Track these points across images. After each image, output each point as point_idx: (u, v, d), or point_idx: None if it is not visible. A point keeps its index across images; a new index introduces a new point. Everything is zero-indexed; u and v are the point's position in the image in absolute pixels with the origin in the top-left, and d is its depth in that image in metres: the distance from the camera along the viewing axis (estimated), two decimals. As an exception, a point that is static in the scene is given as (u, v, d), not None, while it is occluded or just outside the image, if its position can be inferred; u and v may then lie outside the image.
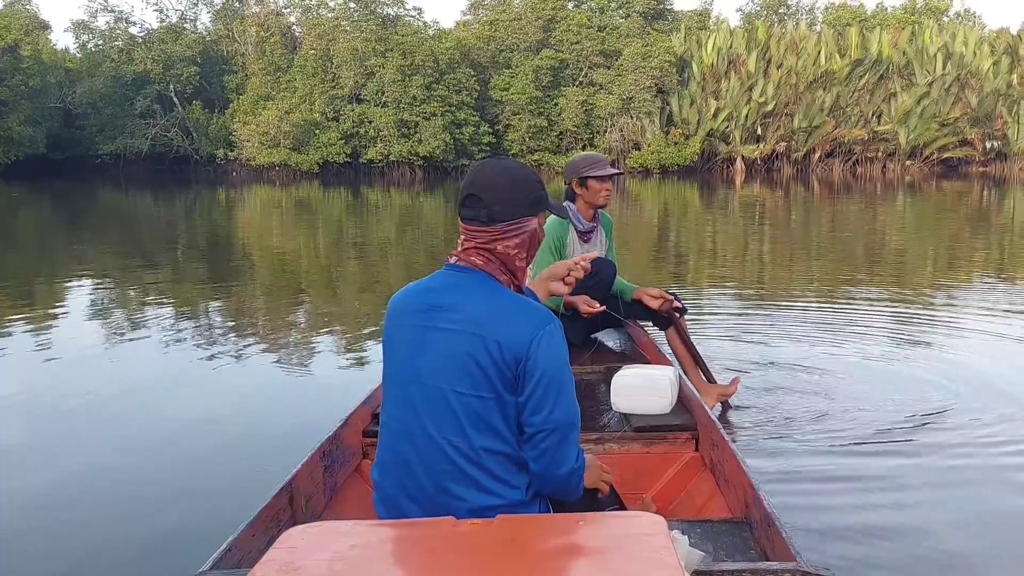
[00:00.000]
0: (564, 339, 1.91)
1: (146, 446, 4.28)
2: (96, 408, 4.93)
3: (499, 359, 1.83)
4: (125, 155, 40.37)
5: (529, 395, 1.85)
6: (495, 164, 1.99)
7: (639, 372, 3.42)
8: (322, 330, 7.05)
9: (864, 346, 6.06)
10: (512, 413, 1.88)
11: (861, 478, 3.62)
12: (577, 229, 4.48)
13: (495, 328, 1.84)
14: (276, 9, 45.05)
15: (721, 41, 44.06)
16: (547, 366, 1.84)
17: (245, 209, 23.29)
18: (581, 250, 4.54)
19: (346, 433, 3.02)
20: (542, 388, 1.84)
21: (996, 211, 20.38)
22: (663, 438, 3.14)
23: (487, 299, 1.90)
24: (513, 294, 1.94)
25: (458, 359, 1.86)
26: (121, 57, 41.32)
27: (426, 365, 1.90)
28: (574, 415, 1.91)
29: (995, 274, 10.09)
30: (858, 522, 3.20)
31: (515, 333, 1.84)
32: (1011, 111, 41.45)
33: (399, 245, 14.22)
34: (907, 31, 44.98)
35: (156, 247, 14.08)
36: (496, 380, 1.85)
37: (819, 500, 3.41)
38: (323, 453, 2.79)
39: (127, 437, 4.43)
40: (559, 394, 1.86)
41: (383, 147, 39.91)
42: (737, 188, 31.13)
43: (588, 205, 4.49)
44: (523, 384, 1.85)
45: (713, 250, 13.28)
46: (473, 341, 1.85)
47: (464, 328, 1.86)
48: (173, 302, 8.50)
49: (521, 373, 1.84)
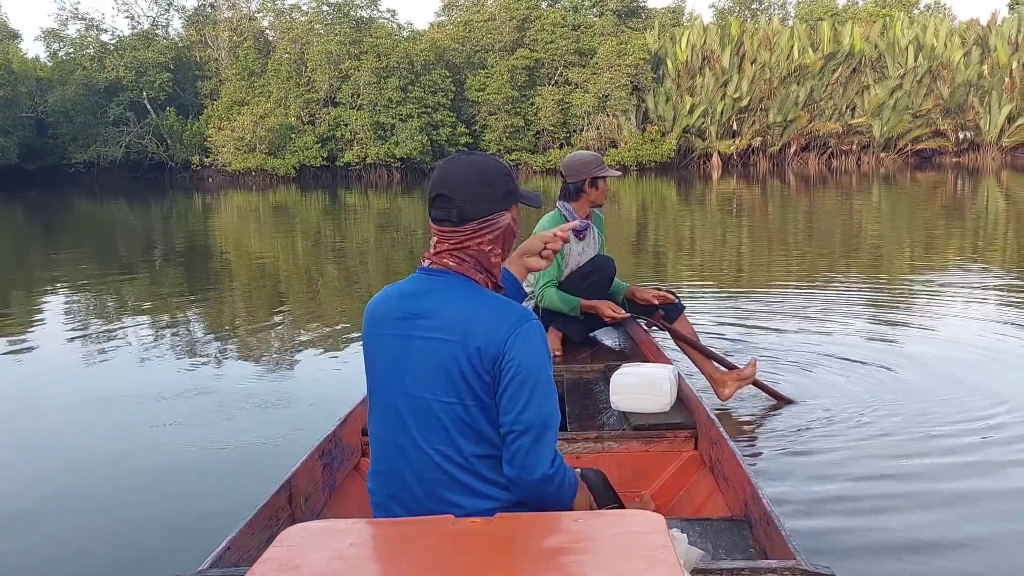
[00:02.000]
0: (544, 338, 1.86)
1: (142, 448, 4.29)
2: (86, 412, 4.91)
3: (479, 365, 1.80)
4: (99, 163, 40.00)
5: (502, 393, 1.81)
6: (462, 160, 1.93)
7: (638, 371, 3.41)
8: (306, 332, 7.01)
9: (860, 343, 5.99)
10: (499, 416, 1.85)
11: (860, 476, 3.59)
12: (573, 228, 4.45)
13: (474, 334, 1.80)
14: (248, 14, 44.86)
15: (695, 38, 44.24)
16: (521, 364, 1.79)
17: (222, 215, 23.14)
18: (577, 248, 4.53)
19: (345, 431, 3.02)
20: (515, 386, 1.79)
21: (971, 201, 20.56)
22: (662, 436, 3.13)
23: (463, 303, 1.85)
24: (490, 294, 1.90)
25: (440, 368, 1.82)
26: (93, 65, 40.94)
27: (410, 375, 1.86)
28: (549, 417, 1.83)
29: (973, 262, 10.17)
30: (857, 520, 3.18)
31: (491, 335, 1.79)
32: (982, 102, 41.84)
33: (378, 247, 14.18)
34: (878, 24, 45.34)
35: (132, 255, 13.95)
36: (477, 387, 1.81)
37: (818, 498, 3.39)
38: (322, 451, 2.79)
39: (120, 440, 4.42)
40: (532, 393, 1.80)
41: (360, 150, 39.84)
42: (714, 183, 31.26)
43: (591, 204, 4.48)
44: (498, 383, 1.81)
45: (692, 244, 13.33)
46: (453, 349, 1.81)
47: (443, 336, 1.82)
48: (154, 309, 8.42)
49: (498, 372, 1.80)
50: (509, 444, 1.82)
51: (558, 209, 4.49)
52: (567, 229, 2.26)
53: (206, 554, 2.04)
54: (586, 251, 4.58)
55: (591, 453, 3.06)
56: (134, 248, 15.20)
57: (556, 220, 4.40)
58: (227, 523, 2.26)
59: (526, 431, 1.80)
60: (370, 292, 9.18)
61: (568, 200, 4.48)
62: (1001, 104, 41.09)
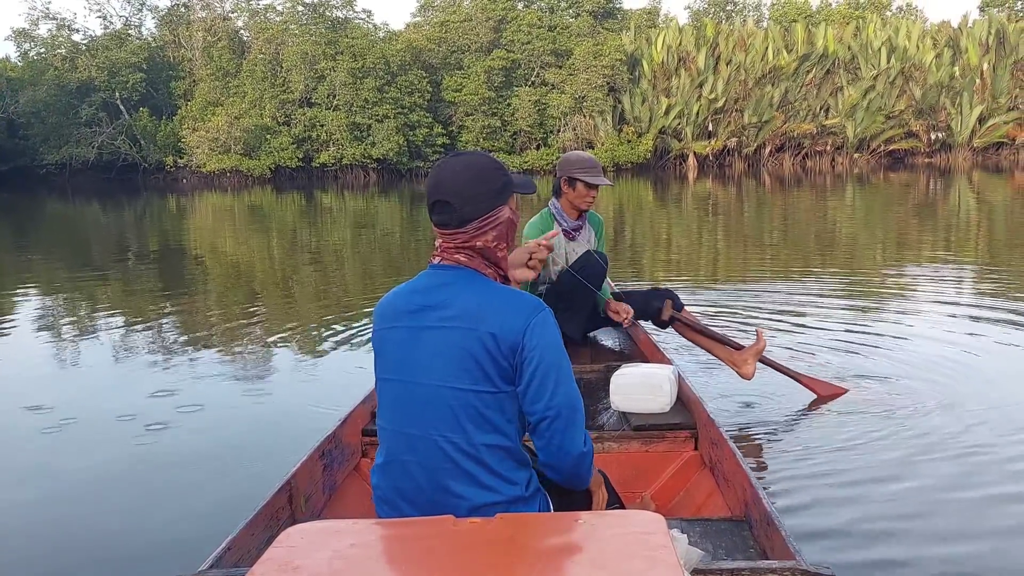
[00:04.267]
0: (557, 326, 1.91)
1: (140, 449, 4.26)
2: (83, 413, 4.87)
3: (495, 351, 1.83)
4: (71, 165, 39.67)
5: (528, 383, 1.85)
6: (455, 163, 1.96)
7: (638, 371, 3.42)
8: (287, 332, 6.95)
9: (854, 339, 5.96)
10: (510, 405, 1.88)
11: (860, 476, 3.57)
12: (562, 227, 4.45)
13: (488, 321, 1.84)
14: (223, 14, 44.61)
15: (671, 39, 44.52)
16: (544, 352, 1.84)
17: (197, 216, 22.95)
18: (567, 248, 4.51)
19: (345, 432, 3.02)
20: (541, 374, 1.84)
21: (942, 201, 20.79)
22: (662, 437, 3.14)
23: (476, 293, 1.89)
24: (501, 286, 1.94)
25: (453, 356, 1.85)
26: (64, 65, 40.62)
27: (421, 364, 1.88)
28: (576, 399, 1.90)
29: (948, 260, 10.27)
30: (857, 520, 3.16)
31: (508, 323, 1.83)
32: (954, 103, 42.39)
33: (355, 248, 14.12)
34: (851, 26, 45.83)
35: (106, 257, 13.81)
36: (493, 373, 1.84)
37: (818, 498, 3.37)
38: (322, 452, 2.79)
39: (117, 441, 4.39)
40: (558, 379, 1.86)
41: (336, 151, 39.71)
42: (690, 184, 31.42)
43: (571, 205, 4.47)
44: (521, 373, 1.85)
45: (668, 243, 13.39)
46: (467, 336, 1.84)
47: (457, 324, 1.85)
48: (130, 312, 8.32)
49: (519, 363, 1.84)
50: (543, 432, 1.88)
51: (548, 207, 4.52)
52: (551, 237, 2.32)
53: (206, 554, 2.04)
54: (579, 252, 4.56)
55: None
56: (109, 249, 15.04)
57: (544, 217, 4.43)
58: (227, 523, 2.26)
59: (559, 416, 1.87)
60: (348, 293, 9.15)
61: (556, 196, 4.51)
62: (972, 105, 41.65)
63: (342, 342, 6.41)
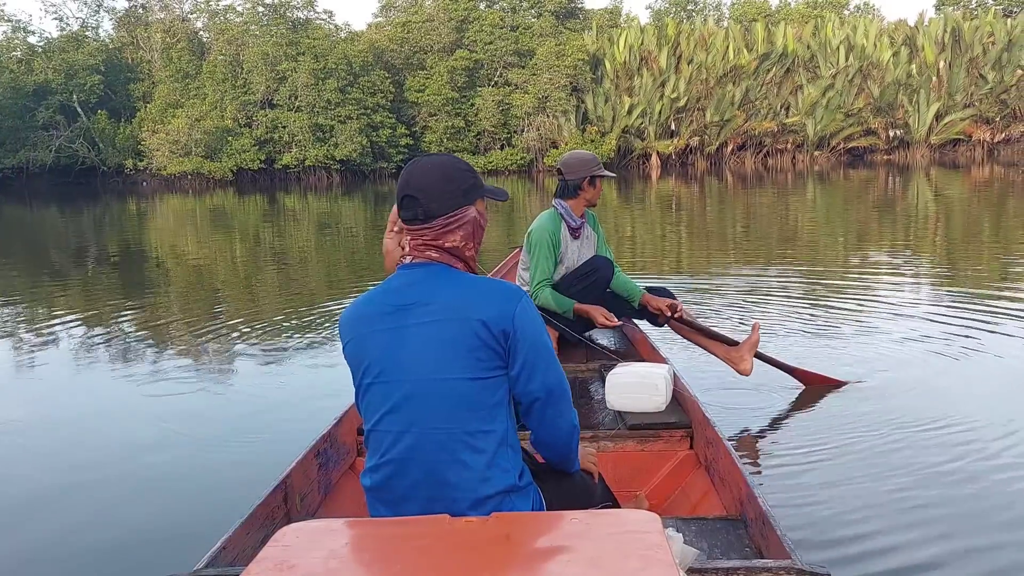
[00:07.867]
0: (536, 308, 1.98)
1: (135, 449, 4.28)
2: (75, 414, 4.89)
3: (487, 337, 1.86)
4: (28, 169, 39.04)
5: (521, 366, 1.91)
6: (425, 162, 2.01)
7: (634, 370, 3.42)
8: (274, 333, 6.88)
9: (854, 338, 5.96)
10: (502, 391, 1.91)
11: (856, 475, 3.57)
12: (569, 226, 4.50)
13: (476, 309, 1.87)
14: (182, 15, 44.09)
15: (632, 38, 44.73)
16: (532, 336, 1.90)
17: (158, 219, 22.65)
18: (573, 246, 4.54)
19: (340, 431, 3.01)
20: (532, 357, 1.91)
21: (901, 197, 21.09)
22: (658, 436, 3.14)
23: (455, 285, 1.92)
24: (476, 276, 1.98)
25: (443, 347, 1.87)
26: (20, 68, 39.96)
27: (410, 361, 1.89)
28: (562, 376, 1.99)
29: (907, 253, 10.43)
30: (854, 520, 3.16)
31: (496, 309, 1.87)
32: (911, 100, 42.99)
33: (319, 250, 14.02)
34: (810, 25, 46.34)
35: (65, 262, 13.58)
36: (485, 359, 1.87)
37: (814, 497, 3.37)
38: (317, 451, 2.78)
39: (112, 442, 4.42)
40: (548, 360, 1.94)
41: (298, 152, 39.44)
42: (654, 183, 31.56)
43: (587, 203, 4.52)
44: (513, 357, 1.90)
45: (633, 240, 13.45)
46: (456, 326, 1.87)
47: (443, 316, 1.88)
48: (93, 317, 8.18)
49: (511, 347, 1.89)
50: (537, 411, 1.97)
51: (555, 207, 4.52)
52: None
53: (201, 554, 2.04)
54: (583, 250, 4.59)
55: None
56: (67, 255, 14.80)
57: (554, 217, 4.46)
58: (222, 523, 2.26)
59: (550, 394, 1.95)
60: (314, 295, 9.08)
61: (565, 198, 4.51)
62: (929, 102, 42.26)
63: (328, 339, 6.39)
